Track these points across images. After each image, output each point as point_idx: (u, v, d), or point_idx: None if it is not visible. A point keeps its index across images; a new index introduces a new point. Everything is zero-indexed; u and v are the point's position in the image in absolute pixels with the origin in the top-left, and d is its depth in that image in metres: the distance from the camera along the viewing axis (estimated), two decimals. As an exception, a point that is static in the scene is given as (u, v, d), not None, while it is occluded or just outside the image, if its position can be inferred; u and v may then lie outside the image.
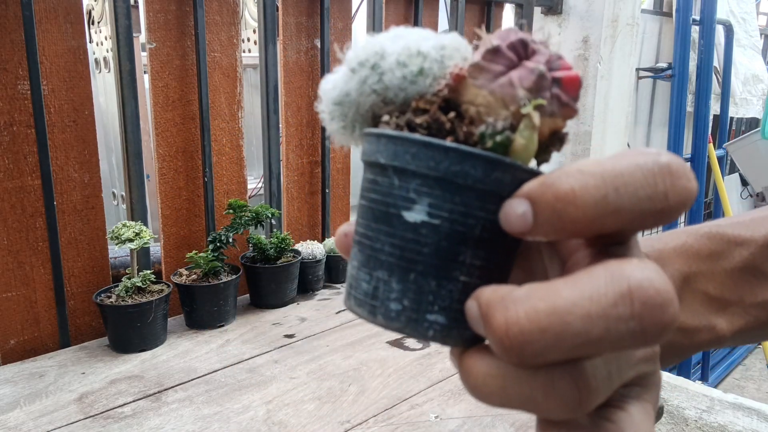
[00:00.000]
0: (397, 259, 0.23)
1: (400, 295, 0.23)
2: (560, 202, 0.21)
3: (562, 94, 0.22)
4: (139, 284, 1.02)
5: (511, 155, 0.23)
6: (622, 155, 0.21)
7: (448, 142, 0.22)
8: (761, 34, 3.62)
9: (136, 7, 1.99)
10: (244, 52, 2.63)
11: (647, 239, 0.37)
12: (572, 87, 0.23)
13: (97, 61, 2.66)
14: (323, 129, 1.42)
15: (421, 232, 0.22)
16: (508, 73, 0.22)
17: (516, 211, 0.22)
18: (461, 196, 0.22)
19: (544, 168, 0.24)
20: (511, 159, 0.22)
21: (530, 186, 0.22)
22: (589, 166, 0.21)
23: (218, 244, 1.12)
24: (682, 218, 2.73)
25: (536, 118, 0.22)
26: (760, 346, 2.52)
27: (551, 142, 0.24)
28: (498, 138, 0.22)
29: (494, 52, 0.23)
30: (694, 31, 2.67)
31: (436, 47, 0.24)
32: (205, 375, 0.92)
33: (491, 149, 0.22)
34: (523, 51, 0.23)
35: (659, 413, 0.86)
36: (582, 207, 0.20)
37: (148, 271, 1.04)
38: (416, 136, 0.22)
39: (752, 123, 3.74)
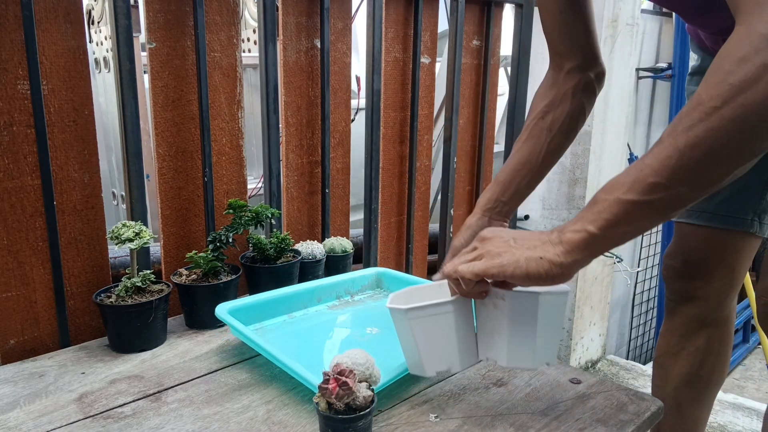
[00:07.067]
0: None
1: None
2: None
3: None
4: (139, 284, 1.02)
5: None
6: None
7: None
8: (761, 34, 3.61)
9: (136, 7, 1.99)
10: (244, 52, 2.63)
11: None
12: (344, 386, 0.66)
13: (97, 61, 2.67)
14: (323, 129, 1.42)
15: None
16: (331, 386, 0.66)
17: None
18: None
19: None
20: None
21: None
22: None
23: (218, 244, 1.12)
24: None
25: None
26: (760, 346, 2.52)
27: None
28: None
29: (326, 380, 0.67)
30: (694, 31, 2.66)
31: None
32: (205, 375, 0.92)
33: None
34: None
35: (659, 413, 0.85)
36: None
37: (148, 271, 1.04)
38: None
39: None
